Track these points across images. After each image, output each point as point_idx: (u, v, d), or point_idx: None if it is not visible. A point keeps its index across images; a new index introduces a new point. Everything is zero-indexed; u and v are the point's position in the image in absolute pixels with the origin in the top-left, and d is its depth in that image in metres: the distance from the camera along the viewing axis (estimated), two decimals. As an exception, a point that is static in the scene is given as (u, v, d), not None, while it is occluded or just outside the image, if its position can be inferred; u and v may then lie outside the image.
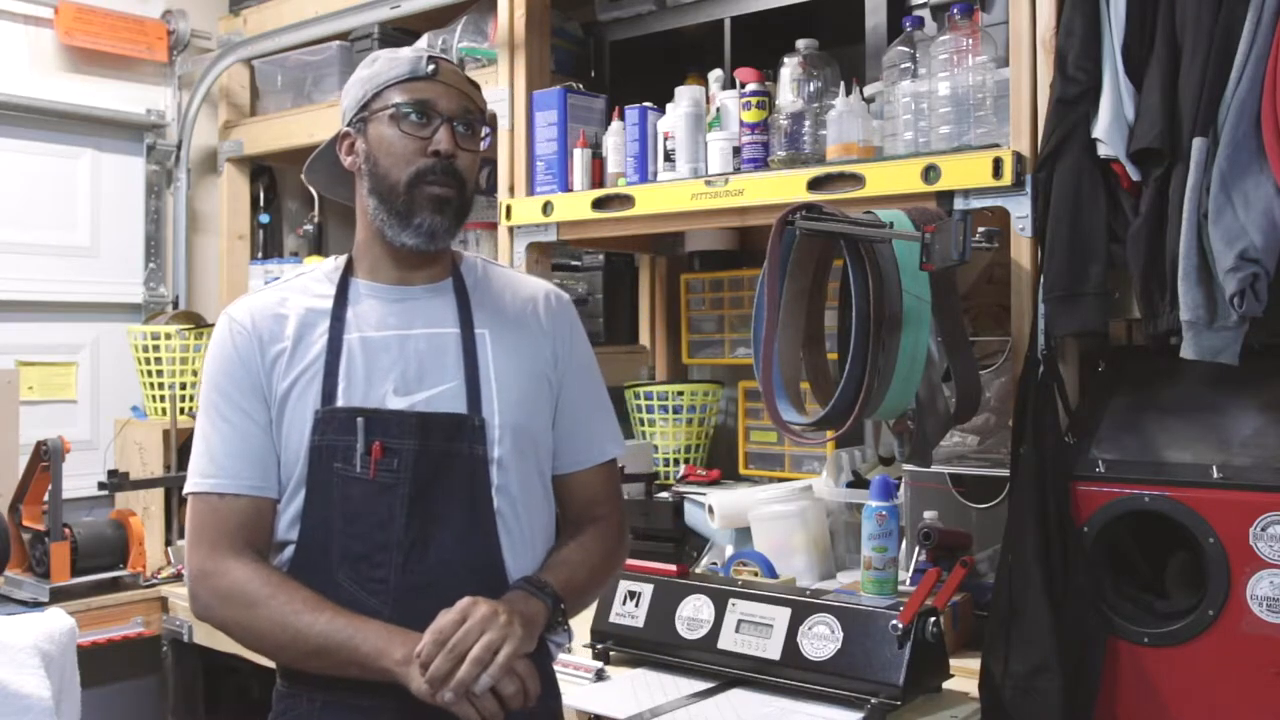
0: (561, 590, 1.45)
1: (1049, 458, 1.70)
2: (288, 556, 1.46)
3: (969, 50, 1.92)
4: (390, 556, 1.41)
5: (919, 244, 1.66)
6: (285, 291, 1.53)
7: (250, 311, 1.50)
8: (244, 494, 1.44)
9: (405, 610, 1.39)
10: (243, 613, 1.41)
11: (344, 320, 1.48)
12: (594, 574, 1.55)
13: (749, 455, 2.87)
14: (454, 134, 1.48)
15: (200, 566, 1.44)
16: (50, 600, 2.55)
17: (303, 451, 1.44)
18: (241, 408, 1.46)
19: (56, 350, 3.18)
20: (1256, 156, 1.59)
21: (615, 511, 1.62)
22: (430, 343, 1.48)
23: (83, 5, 3.17)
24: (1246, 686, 1.57)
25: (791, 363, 1.80)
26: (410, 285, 1.52)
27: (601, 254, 3.16)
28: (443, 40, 2.84)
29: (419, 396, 1.45)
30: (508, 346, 1.52)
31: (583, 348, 1.62)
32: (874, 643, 1.70)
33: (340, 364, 1.45)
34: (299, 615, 1.37)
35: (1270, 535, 1.56)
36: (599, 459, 1.60)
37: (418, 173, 1.46)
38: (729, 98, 2.29)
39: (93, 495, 2.98)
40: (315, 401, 1.44)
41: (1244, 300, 1.56)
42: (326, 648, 1.36)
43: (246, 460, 1.44)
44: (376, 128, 1.49)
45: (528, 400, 1.51)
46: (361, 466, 1.42)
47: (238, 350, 1.47)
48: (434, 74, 1.48)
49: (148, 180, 3.36)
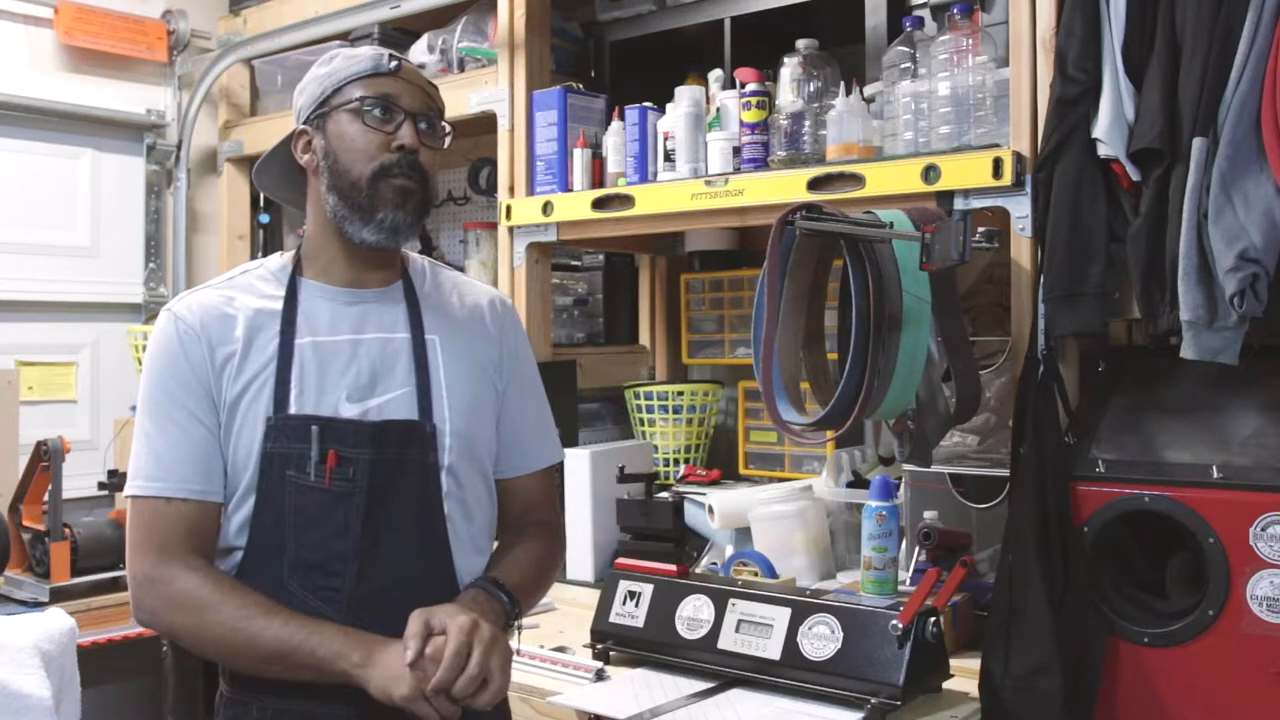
0: (515, 590, 1.48)
1: (1049, 458, 1.70)
2: (235, 562, 1.44)
3: (969, 50, 1.93)
4: (345, 565, 1.41)
5: (919, 244, 1.66)
6: (231, 290, 1.49)
7: (198, 311, 1.46)
8: (191, 498, 1.41)
9: (358, 617, 1.39)
10: (192, 619, 1.38)
11: (294, 324, 1.46)
12: (540, 576, 1.58)
13: (749, 455, 2.87)
14: (417, 129, 1.47)
15: (146, 573, 1.41)
16: (50, 600, 2.55)
17: (253, 458, 1.41)
18: (188, 409, 1.42)
19: (56, 350, 3.18)
20: (1256, 156, 1.59)
21: (555, 516, 1.67)
22: (383, 348, 1.48)
23: (83, 5, 3.17)
24: (1246, 686, 1.57)
25: (791, 363, 1.80)
26: (363, 288, 1.52)
27: (601, 254, 3.16)
28: (443, 40, 2.84)
29: (371, 403, 1.45)
30: (457, 352, 1.53)
31: (527, 354, 1.65)
32: (874, 643, 1.70)
33: (292, 370, 1.43)
34: (252, 620, 1.35)
35: (1270, 535, 1.56)
36: (540, 464, 1.63)
37: (381, 167, 1.45)
38: (729, 98, 2.29)
39: (93, 495, 2.98)
40: (267, 408, 1.41)
41: (1244, 300, 1.56)
42: (281, 652, 1.34)
43: (193, 464, 1.41)
44: (337, 124, 1.47)
45: (476, 406, 1.53)
46: (316, 475, 1.40)
47: (185, 351, 1.43)
48: (396, 70, 1.48)
49: (148, 180, 3.36)
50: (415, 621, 1.32)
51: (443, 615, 1.33)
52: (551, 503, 1.67)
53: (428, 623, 1.32)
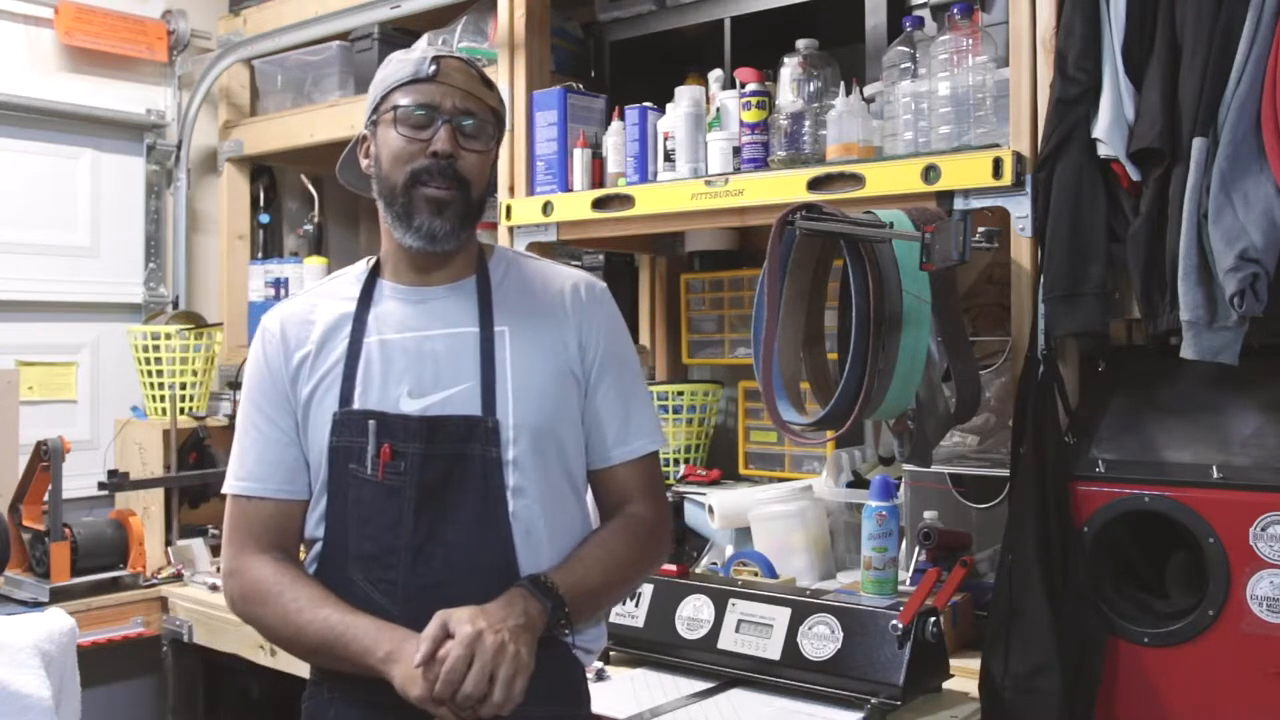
0: (568, 590, 1.42)
1: (1049, 458, 1.70)
2: (316, 553, 1.51)
3: (969, 50, 1.92)
4: (399, 558, 1.43)
5: (919, 244, 1.66)
6: (317, 297, 1.57)
7: (281, 319, 1.55)
8: (269, 497, 1.50)
9: (413, 610, 1.39)
10: (256, 609, 1.47)
11: (365, 323, 1.51)
12: (613, 572, 1.49)
13: (749, 455, 2.87)
14: (455, 134, 1.47)
15: (229, 565, 1.51)
16: (50, 600, 2.55)
17: (324, 453, 1.48)
18: (268, 415, 1.51)
19: (56, 350, 3.18)
20: (1256, 156, 1.59)
21: (649, 507, 1.56)
22: (448, 343, 1.49)
23: (83, 5, 3.17)
24: (1246, 686, 1.57)
25: (791, 363, 1.80)
26: (429, 286, 1.53)
27: (601, 254, 3.16)
28: (443, 40, 2.84)
29: (433, 399, 1.46)
30: (529, 343, 1.50)
31: (614, 338, 1.57)
32: (874, 643, 1.70)
33: (359, 367, 1.48)
34: (300, 612, 1.41)
35: (1270, 535, 1.56)
36: (630, 455, 1.55)
37: (413, 174, 1.46)
38: (729, 98, 2.29)
39: (93, 495, 2.98)
40: (334, 404, 1.48)
41: (1244, 300, 1.56)
42: (324, 643, 1.39)
43: (272, 465, 1.50)
44: (383, 130, 1.50)
45: (549, 398, 1.49)
46: (372, 469, 1.44)
47: (267, 359, 1.53)
48: (434, 75, 1.48)
49: (148, 180, 3.36)
50: (434, 622, 1.33)
51: (455, 621, 1.32)
52: (648, 494, 1.56)
53: (444, 625, 1.32)
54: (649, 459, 1.57)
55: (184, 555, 2.92)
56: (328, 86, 3.19)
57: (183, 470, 3.00)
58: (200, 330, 3.09)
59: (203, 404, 3.13)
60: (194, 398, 3.09)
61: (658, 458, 1.60)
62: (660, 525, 1.58)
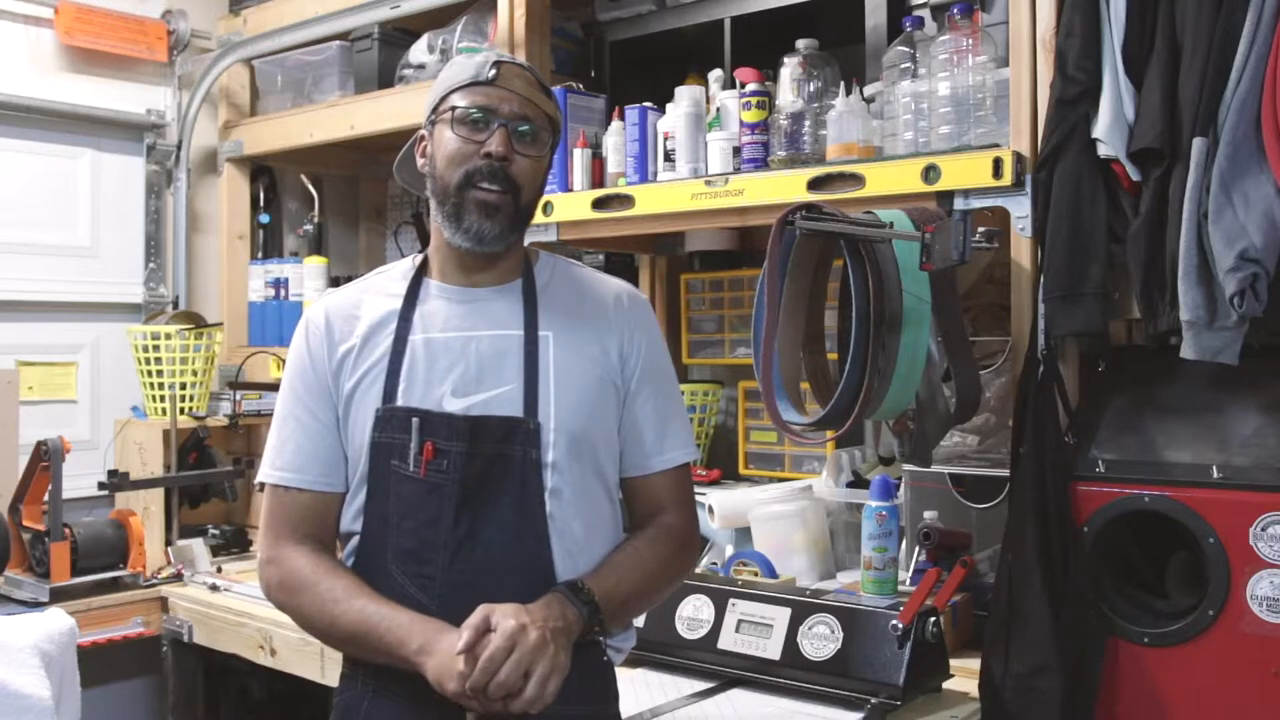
0: (603, 597, 1.44)
1: (1049, 458, 1.70)
2: (353, 547, 1.52)
3: (969, 50, 1.92)
4: (438, 554, 1.44)
5: (919, 244, 1.66)
6: (363, 292, 1.58)
7: (327, 311, 1.56)
8: (306, 489, 1.51)
9: (451, 606, 1.40)
10: (292, 598, 1.48)
11: (410, 321, 1.52)
12: (645, 580, 1.52)
13: (749, 455, 2.87)
14: (509, 138, 1.48)
15: (265, 553, 1.52)
16: (50, 600, 2.55)
17: (365, 448, 1.49)
18: (309, 407, 1.52)
19: (56, 350, 3.18)
20: (1256, 156, 1.59)
21: (680, 517, 1.58)
22: (492, 345, 1.50)
23: (83, 5, 3.17)
24: (1246, 686, 1.57)
25: (791, 363, 1.80)
26: (477, 286, 1.54)
27: (601, 254, 3.16)
28: (443, 40, 2.84)
29: (476, 399, 1.47)
30: (571, 348, 1.52)
31: (654, 350, 1.59)
32: (874, 643, 1.70)
33: (403, 364, 1.49)
34: (336, 603, 1.43)
35: (1270, 535, 1.56)
36: (664, 465, 1.57)
37: (467, 174, 1.48)
38: (729, 98, 2.29)
39: (93, 495, 2.98)
40: (377, 400, 1.49)
41: (1244, 300, 1.56)
42: (357, 634, 1.41)
43: (310, 457, 1.51)
44: (440, 130, 1.51)
45: (588, 404, 1.51)
46: (414, 465, 1.45)
47: (310, 350, 1.54)
48: (494, 79, 1.49)
49: (148, 180, 3.36)
50: (478, 613, 1.34)
51: (499, 614, 1.34)
52: (681, 504, 1.59)
53: (487, 618, 1.34)
54: (683, 470, 1.60)
55: (184, 555, 2.92)
56: (328, 86, 3.19)
57: (183, 470, 3.01)
58: (200, 330, 3.09)
59: (203, 404, 3.13)
60: (194, 398, 3.09)
61: (690, 469, 1.62)
62: (691, 535, 1.61)
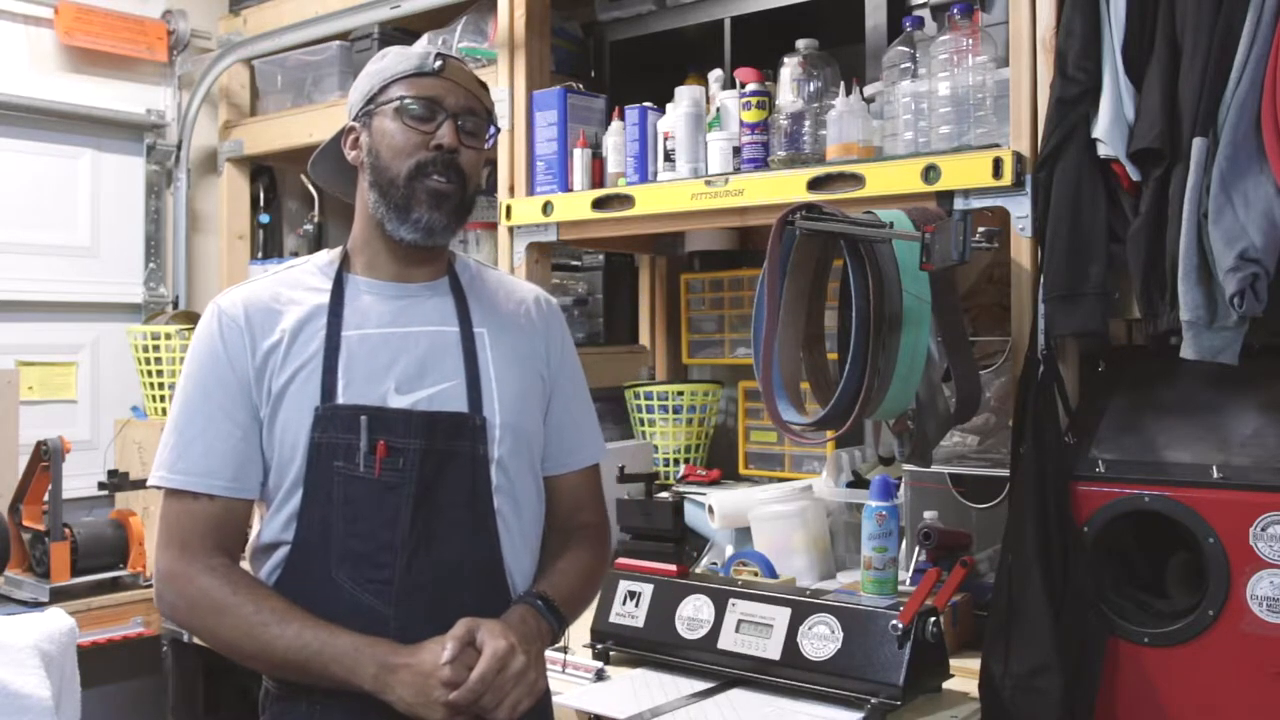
0: (563, 606, 1.48)
1: (1049, 458, 1.70)
2: (281, 558, 1.43)
3: (969, 50, 1.92)
4: (394, 556, 1.40)
5: (919, 244, 1.66)
6: (278, 286, 1.50)
7: (243, 304, 1.47)
8: (218, 495, 1.41)
9: (408, 609, 1.39)
10: (209, 620, 1.38)
11: (341, 316, 1.47)
12: (586, 587, 1.58)
13: (749, 455, 2.87)
14: (457, 130, 1.48)
15: (169, 568, 1.41)
16: (50, 600, 2.55)
17: (300, 450, 1.41)
18: (221, 405, 1.42)
19: (56, 350, 3.18)
20: (1256, 156, 1.59)
21: (600, 517, 1.64)
22: (431, 340, 1.48)
23: (83, 5, 3.16)
24: (1246, 686, 1.57)
25: (791, 363, 1.80)
26: (409, 282, 1.52)
27: (601, 254, 3.16)
28: (443, 40, 2.84)
29: (421, 394, 1.45)
30: (505, 346, 1.53)
31: (571, 352, 1.65)
32: (874, 643, 1.70)
33: (339, 360, 1.43)
34: (266, 627, 1.34)
35: (1270, 535, 1.56)
36: (585, 462, 1.63)
37: (417, 165, 1.46)
38: (729, 98, 2.29)
39: (93, 495, 2.98)
40: (314, 398, 1.41)
41: (1244, 300, 1.56)
42: (295, 662, 1.35)
43: (222, 460, 1.41)
44: (381, 121, 1.49)
45: (525, 400, 1.52)
46: (365, 466, 1.40)
47: (226, 346, 1.44)
48: (440, 70, 1.49)
49: (148, 180, 3.36)
50: (461, 626, 1.34)
51: (486, 632, 1.34)
52: (597, 503, 1.64)
53: (471, 631, 1.34)
54: (596, 469, 1.65)
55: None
56: (328, 87, 3.19)
57: (183, 470, 3.00)
58: (200, 330, 3.08)
59: (203, 404, 3.12)
60: (194, 398, 3.09)
61: (599, 469, 1.67)
62: (608, 532, 1.67)
